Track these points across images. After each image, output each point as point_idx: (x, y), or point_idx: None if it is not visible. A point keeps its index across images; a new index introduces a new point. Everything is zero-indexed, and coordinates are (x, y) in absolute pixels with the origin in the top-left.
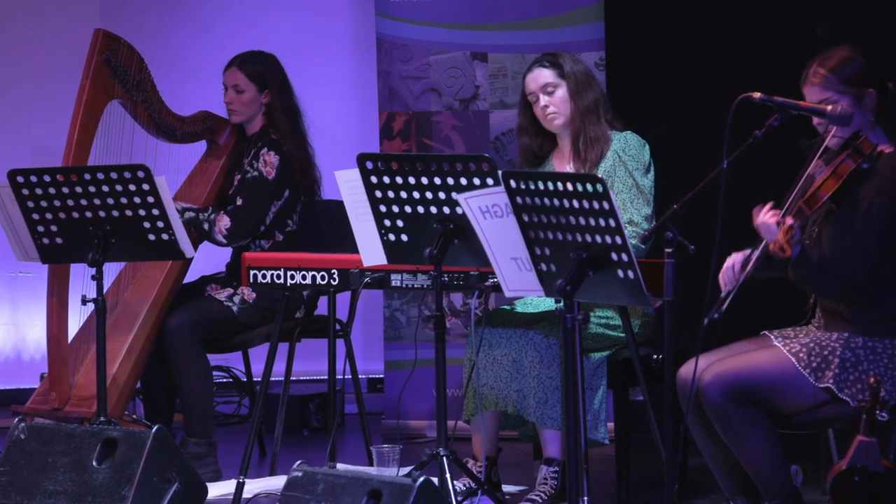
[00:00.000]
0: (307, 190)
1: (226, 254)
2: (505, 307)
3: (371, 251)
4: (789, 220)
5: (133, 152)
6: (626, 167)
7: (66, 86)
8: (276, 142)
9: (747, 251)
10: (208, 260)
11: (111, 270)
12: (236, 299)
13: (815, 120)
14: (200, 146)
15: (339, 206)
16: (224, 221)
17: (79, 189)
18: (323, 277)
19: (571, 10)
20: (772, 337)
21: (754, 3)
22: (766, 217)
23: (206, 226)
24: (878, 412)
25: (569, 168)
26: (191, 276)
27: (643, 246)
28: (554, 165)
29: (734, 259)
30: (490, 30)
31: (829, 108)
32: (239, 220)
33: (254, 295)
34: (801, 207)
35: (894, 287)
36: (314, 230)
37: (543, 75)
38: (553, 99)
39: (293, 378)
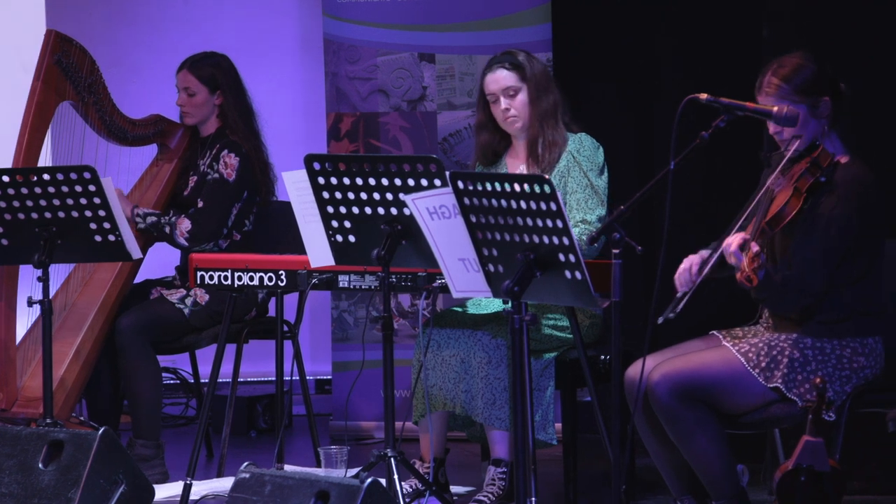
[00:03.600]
0: (265, 190)
1: (174, 257)
2: (454, 308)
3: (318, 252)
4: (755, 248)
5: (84, 154)
6: (581, 167)
7: (14, 87)
8: (236, 143)
9: (705, 253)
10: (158, 262)
11: (61, 272)
12: (188, 301)
13: (771, 129)
14: (152, 148)
15: (286, 207)
16: (185, 224)
17: (25, 190)
18: (270, 279)
19: (519, 11)
20: (720, 337)
21: (701, 2)
22: (731, 240)
23: (167, 229)
24: (824, 412)
25: (522, 169)
26: (138, 280)
27: (595, 245)
28: (507, 165)
29: (691, 261)
30: (437, 31)
31: (775, 109)
32: (200, 222)
33: (206, 297)
34: (765, 229)
35: (845, 291)
36: (262, 231)
37: (505, 77)
38: (514, 102)
39: (241, 379)
